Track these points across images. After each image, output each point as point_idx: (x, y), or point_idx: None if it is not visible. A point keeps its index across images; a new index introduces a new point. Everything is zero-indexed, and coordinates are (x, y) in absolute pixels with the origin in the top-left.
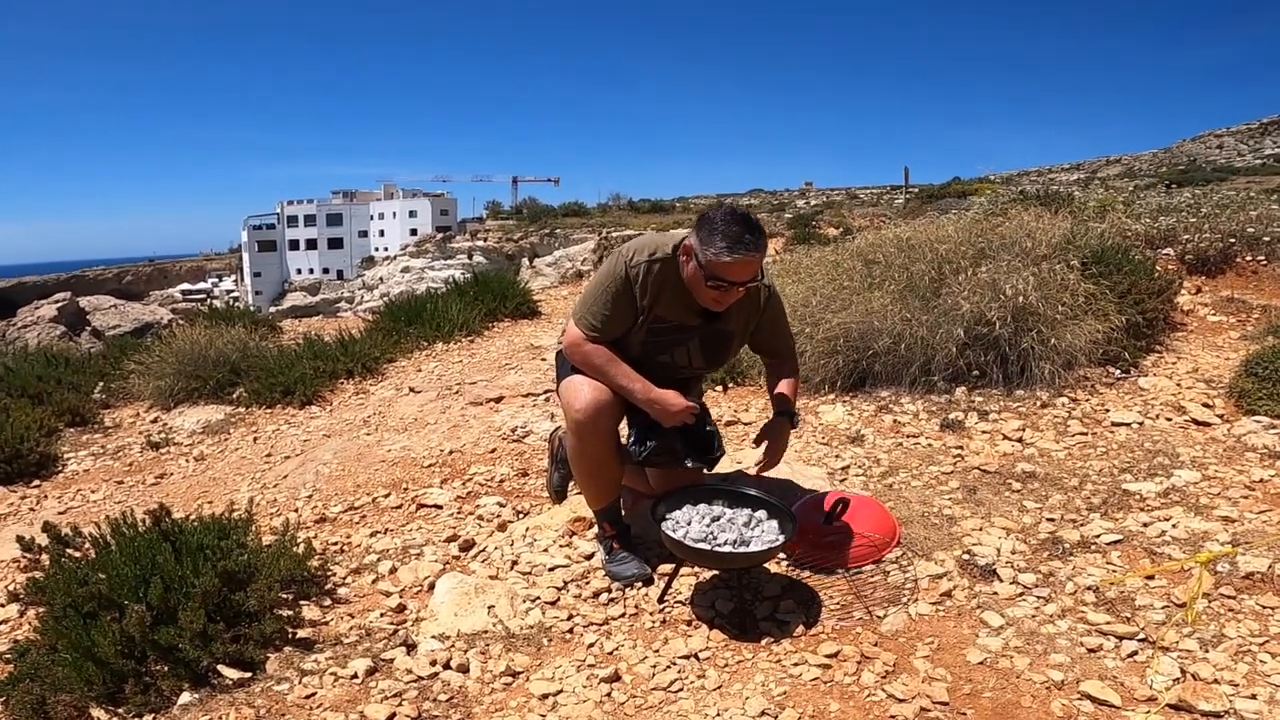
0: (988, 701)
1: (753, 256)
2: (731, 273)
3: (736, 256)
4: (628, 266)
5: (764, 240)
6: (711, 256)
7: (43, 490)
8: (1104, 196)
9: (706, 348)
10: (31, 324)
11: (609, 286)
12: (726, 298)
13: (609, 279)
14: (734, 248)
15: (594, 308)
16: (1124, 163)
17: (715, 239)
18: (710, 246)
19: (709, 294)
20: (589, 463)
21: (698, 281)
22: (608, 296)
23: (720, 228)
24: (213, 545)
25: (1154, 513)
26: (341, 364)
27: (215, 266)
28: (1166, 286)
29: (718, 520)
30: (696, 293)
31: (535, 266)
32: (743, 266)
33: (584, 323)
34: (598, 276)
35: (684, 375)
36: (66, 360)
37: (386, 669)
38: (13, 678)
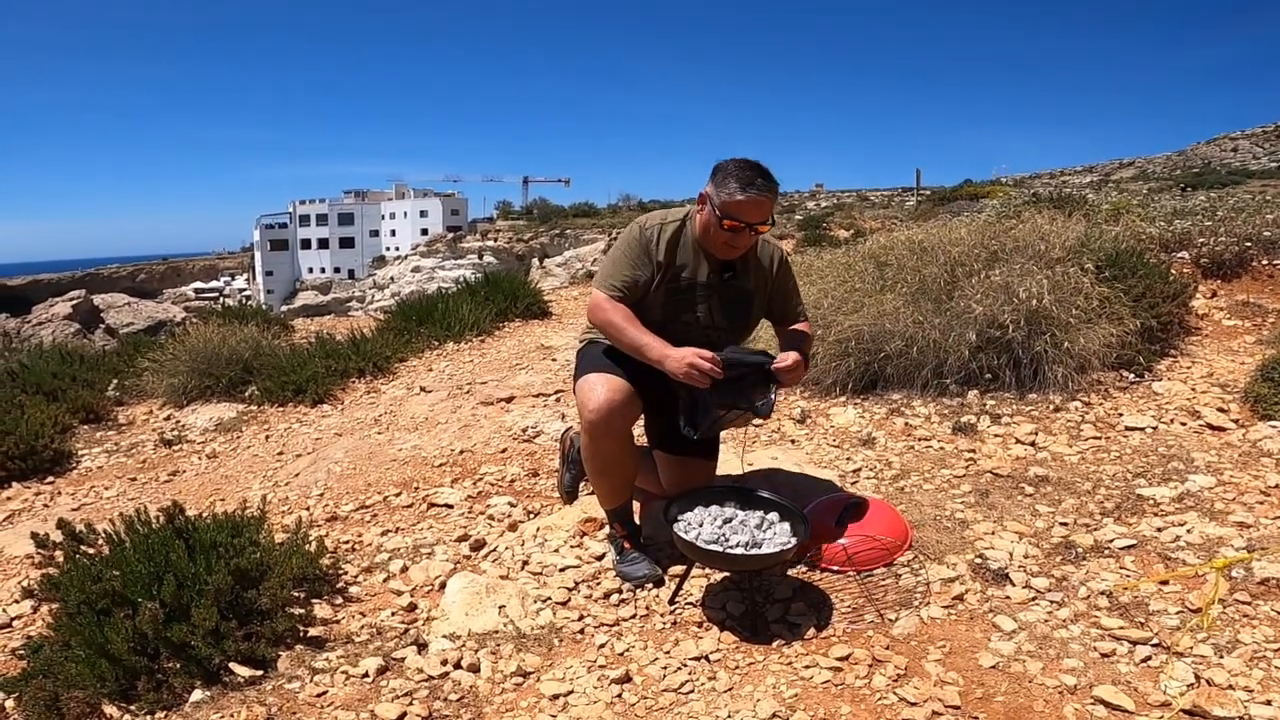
0: (1000, 706)
1: (765, 197)
2: (744, 211)
3: (749, 194)
4: (642, 229)
5: (775, 186)
6: (725, 196)
7: (56, 487)
8: (1118, 199)
9: (726, 304)
10: (46, 321)
11: (626, 250)
12: (739, 240)
13: (625, 243)
14: (746, 187)
15: (614, 270)
16: (1137, 165)
17: (729, 181)
18: (724, 188)
19: (722, 237)
20: (602, 462)
21: (711, 226)
22: (626, 259)
23: (734, 172)
24: (225, 543)
25: (1168, 518)
26: (353, 363)
27: (228, 265)
28: (1181, 290)
29: (730, 522)
30: (710, 241)
31: (545, 267)
32: (755, 206)
33: (606, 285)
34: (615, 247)
35: (709, 339)
36: (81, 358)
37: (397, 668)
38: (26, 674)
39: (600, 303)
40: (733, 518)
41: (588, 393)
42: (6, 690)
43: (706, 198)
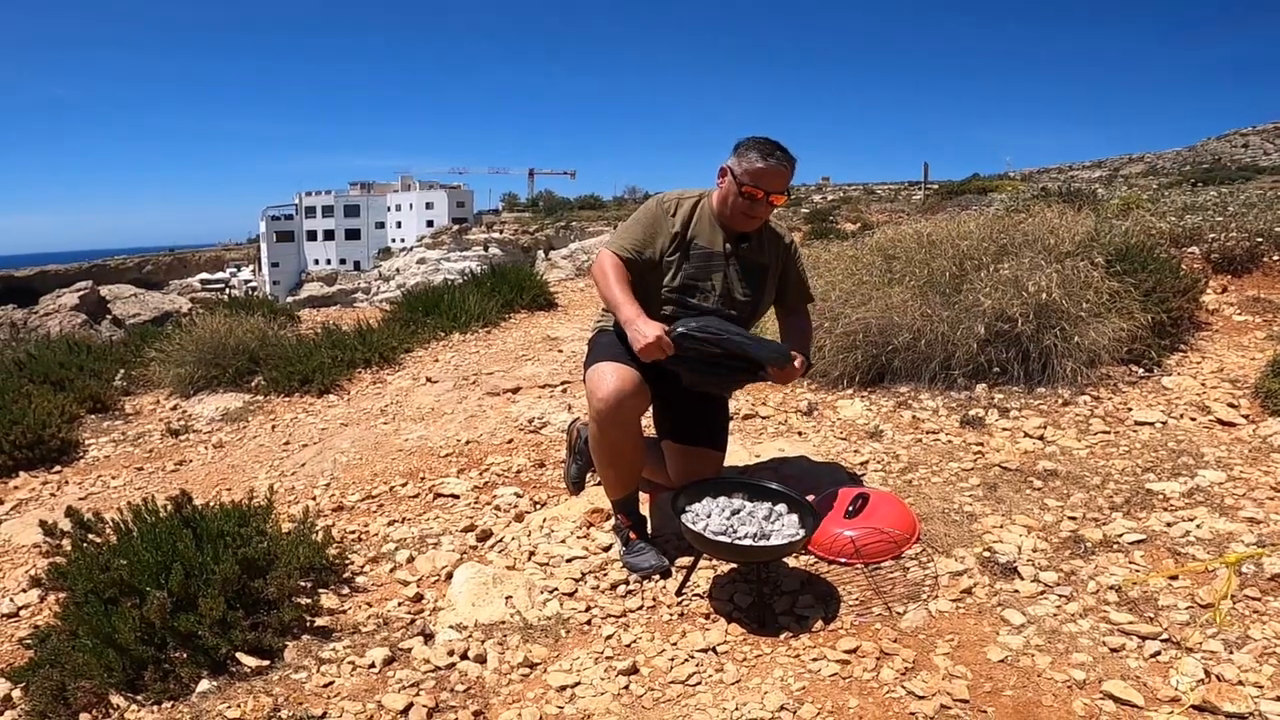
0: (1009, 700)
1: (783, 168)
2: (763, 178)
3: (769, 164)
4: (660, 201)
5: (793, 160)
6: (746, 165)
7: (64, 476)
8: (1128, 194)
9: (745, 275)
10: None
11: (640, 216)
12: (756, 210)
13: (641, 212)
14: (767, 157)
15: (624, 233)
16: (1147, 161)
17: (750, 151)
18: (745, 158)
19: (740, 205)
20: (610, 452)
21: (730, 195)
22: (638, 224)
23: (754, 144)
24: (232, 532)
25: (1178, 513)
26: (359, 354)
27: (234, 256)
28: (1192, 285)
29: (738, 513)
30: (727, 212)
31: (551, 259)
32: (774, 175)
33: (614, 244)
34: (634, 215)
35: (730, 312)
36: (88, 348)
37: (404, 658)
38: (34, 663)
39: (602, 257)
40: (741, 509)
41: (598, 381)
42: (13, 680)
43: (727, 170)
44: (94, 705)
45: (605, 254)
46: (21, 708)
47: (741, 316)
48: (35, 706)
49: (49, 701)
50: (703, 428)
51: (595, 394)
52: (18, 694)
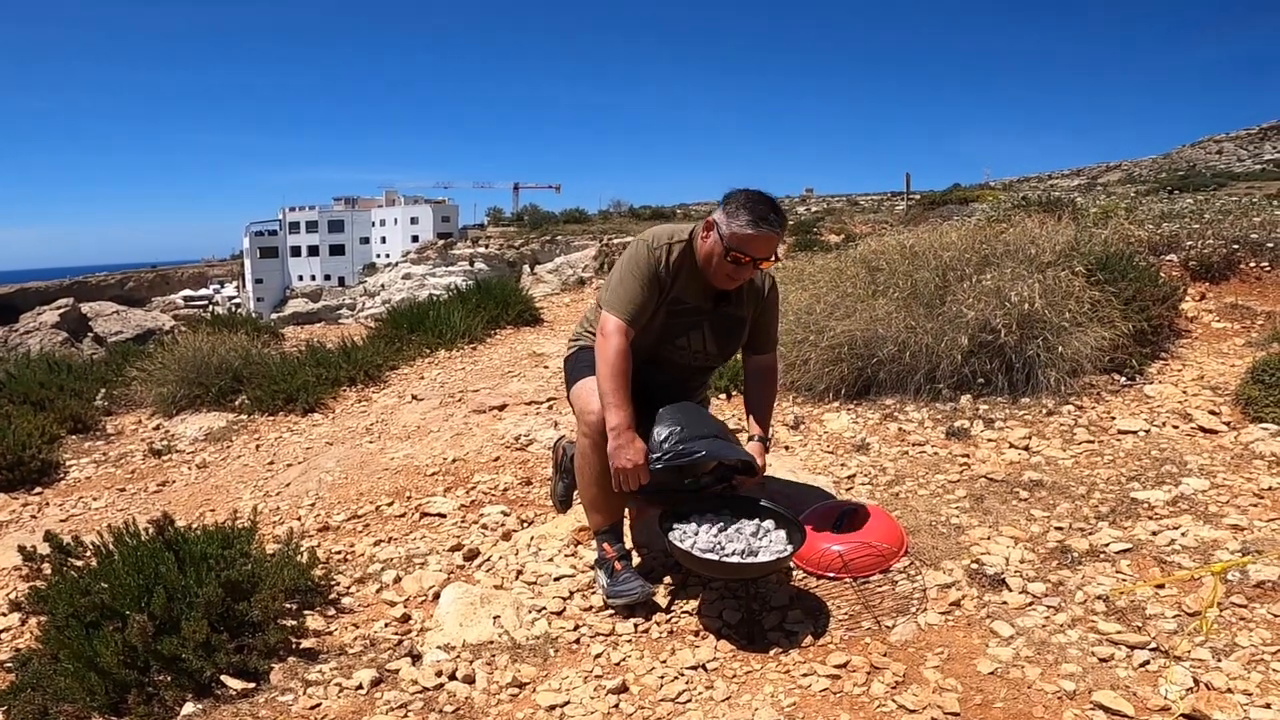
0: (999, 712)
1: (774, 234)
2: (752, 246)
3: (761, 230)
4: (651, 250)
5: (785, 223)
6: (736, 229)
7: (44, 497)
8: (1106, 202)
9: (718, 332)
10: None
11: (638, 271)
12: (740, 274)
13: (634, 263)
14: (758, 223)
15: (625, 293)
16: (1124, 168)
17: (741, 213)
18: (735, 219)
19: (725, 268)
20: (600, 470)
21: (715, 256)
22: (636, 280)
23: (746, 204)
24: (216, 554)
25: (1163, 521)
26: (344, 371)
27: (217, 273)
28: (1171, 293)
29: (725, 530)
30: (711, 270)
31: (537, 273)
32: (764, 242)
33: (618, 310)
34: (624, 264)
35: (695, 364)
36: (69, 367)
37: (392, 680)
38: (15, 687)
39: (610, 330)
40: (728, 526)
41: (586, 398)
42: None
43: (714, 225)
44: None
45: (614, 326)
46: None
47: (709, 365)
48: None
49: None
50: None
51: (585, 410)
52: (0, 717)
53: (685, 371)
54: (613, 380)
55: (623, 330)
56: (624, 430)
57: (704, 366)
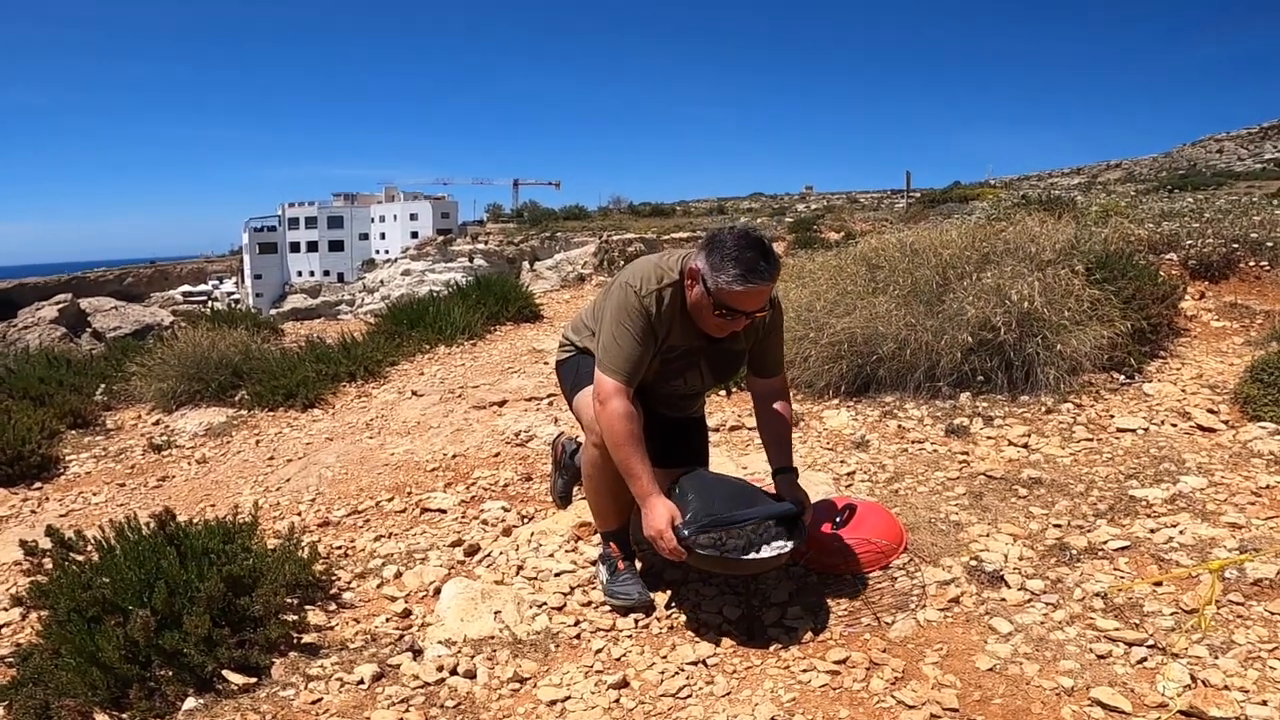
0: (998, 708)
1: (766, 285)
2: (742, 302)
3: (750, 286)
4: (641, 299)
5: (778, 267)
6: (723, 285)
7: (44, 492)
8: (1106, 201)
9: (714, 367)
10: (32, 325)
11: (628, 323)
12: (731, 326)
13: (625, 315)
14: (747, 276)
15: (622, 352)
16: (1124, 167)
17: (727, 266)
18: (722, 274)
19: (714, 321)
20: (609, 477)
21: (703, 308)
22: (631, 335)
23: (733, 254)
24: (217, 549)
25: (1161, 519)
26: (344, 367)
27: (216, 268)
28: (1171, 292)
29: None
30: (700, 319)
31: (536, 270)
32: (754, 296)
33: (615, 372)
34: (614, 316)
35: (691, 392)
36: (68, 362)
37: (393, 674)
38: (16, 682)
39: (609, 396)
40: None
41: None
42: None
43: (698, 275)
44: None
45: (611, 388)
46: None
47: (705, 390)
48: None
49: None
50: (683, 449)
51: (595, 422)
52: (1, 713)
53: (683, 396)
54: (628, 450)
55: (623, 392)
56: (647, 493)
57: (700, 392)
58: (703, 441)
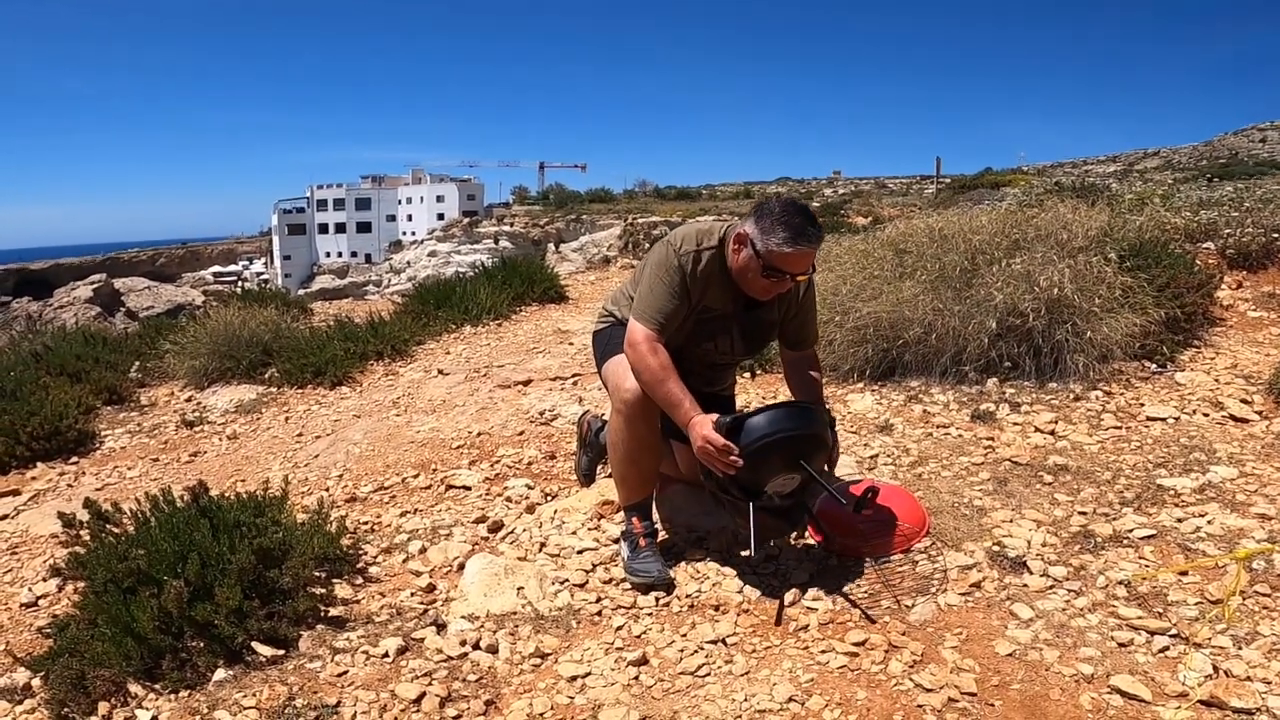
0: (1016, 693)
1: (813, 248)
2: (790, 264)
3: (799, 248)
4: (679, 256)
5: (823, 232)
6: (773, 247)
7: (81, 467)
8: (1142, 189)
9: (747, 335)
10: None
11: (664, 278)
12: (777, 288)
13: (663, 270)
14: (796, 239)
15: (654, 301)
16: (1163, 155)
17: (777, 229)
18: (771, 236)
19: (761, 283)
20: (633, 446)
21: (749, 270)
22: (665, 288)
23: (783, 218)
24: (248, 522)
25: (1189, 508)
26: (371, 346)
27: (246, 249)
28: (1206, 281)
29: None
30: (745, 282)
31: (561, 252)
32: (802, 258)
33: (647, 319)
34: (652, 271)
35: (721, 362)
36: (103, 340)
37: (417, 648)
38: (53, 652)
39: (639, 340)
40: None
41: (622, 374)
42: (33, 669)
43: (746, 239)
44: (112, 694)
45: (642, 335)
46: (41, 696)
47: (736, 362)
48: (55, 695)
49: (68, 690)
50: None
51: (621, 387)
52: (37, 683)
53: (712, 366)
54: (668, 385)
55: (652, 339)
56: (690, 414)
57: (731, 363)
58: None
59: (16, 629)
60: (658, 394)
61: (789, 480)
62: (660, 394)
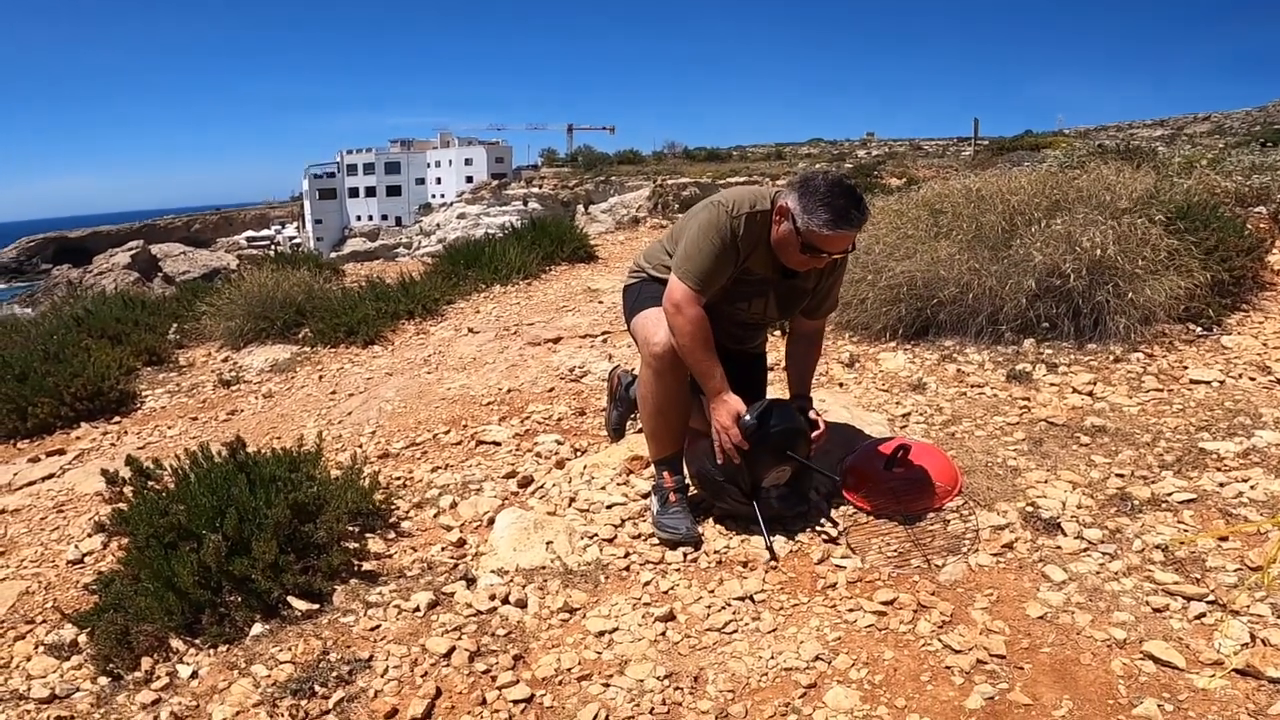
0: (1046, 657)
1: (854, 231)
2: (829, 244)
3: (840, 231)
4: (730, 218)
5: (867, 214)
6: (815, 227)
7: (123, 426)
8: (1191, 153)
9: (782, 301)
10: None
11: (714, 240)
12: (814, 263)
13: (714, 231)
14: (838, 222)
15: (699, 261)
16: (1213, 120)
17: (820, 210)
18: (813, 216)
19: (798, 258)
20: (662, 399)
21: (789, 244)
22: (713, 250)
23: (827, 199)
24: (284, 477)
25: (1231, 473)
26: (403, 305)
27: (278, 214)
28: (1257, 245)
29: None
30: (784, 254)
31: (591, 213)
32: (842, 240)
33: (690, 278)
34: (700, 231)
35: (752, 322)
36: (142, 303)
37: (447, 602)
38: (98, 608)
39: (680, 299)
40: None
41: (653, 328)
42: (80, 625)
43: (788, 213)
44: (155, 649)
45: (682, 294)
46: (87, 652)
47: (767, 323)
48: (100, 650)
49: (113, 645)
50: (744, 382)
51: (650, 339)
52: (84, 639)
53: (742, 325)
54: (700, 351)
55: (695, 300)
56: (719, 389)
57: (762, 323)
58: (762, 373)
59: (64, 586)
60: (690, 358)
61: (781, 472)
62: (693, 359)
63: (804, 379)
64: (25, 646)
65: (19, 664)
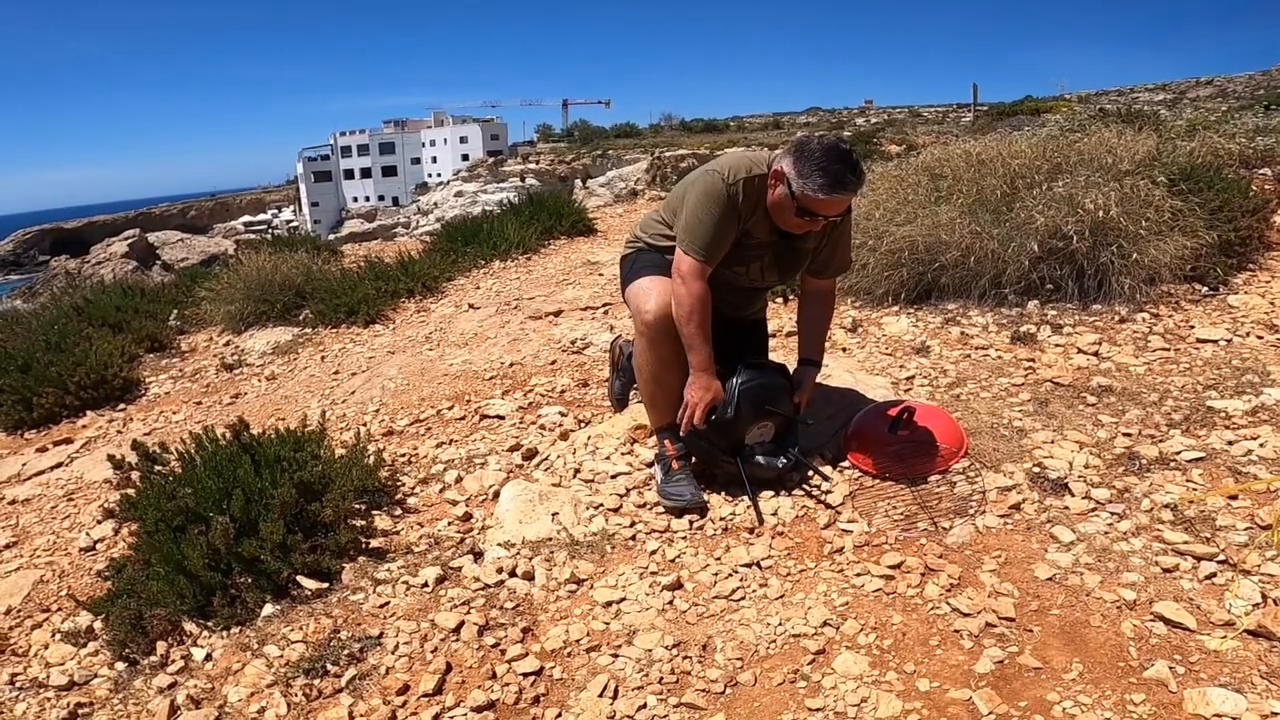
0: (1055, 619)
1: (849, 195)
2: (824, 208)
3: (835, 195)
4: (727, 185)
5: (863, 179)
6: (809, 192)
7: (128, 413)
8: (1194, 116)
9: (781, 263)
10: (105, 260)
11: (715, 209)
12: (810, 226)
13: (713, 201)
14: (833, 187)
15: (701, 232)
16: (1216, 84)
17: (815, 175)
18: (808, 180)
19: (794, 221)
20: (658, 366)
21: (785, 208)
22: (714, 219)
23: (821, 163)
24: (289, 457)
25: (1240, 431)
26: (402, 284)
27: (275, 198)
28: (1262, 205)
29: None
30: (780, 217)
31: (589, 187)
32: (837, 204)
33: (695, 249)
34: (699, 201)
35: (751, 287)
36: (142, 291)
37: (455, 577)
38: (112, 595)
39: (686, 271)
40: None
41: (645, 295)
42: (95, 612)
43: (782, 177)
44: (169, 633)
45: (690, 266)
46: (103, 638)
47: (767, 287)
48: (115, 636)
49: (128, 631)
50: (744, 348)
51: (642, 308)
52: (99, 625)
53: (739, 291)
54: (694, 325)
55: (700, 273)
56: (701, 365)
57: (762, 288)
58: (763, 339)
59: (77, 573)
60: (685, 332)
61: (764, 428)
62: (685, 330)
63: (813, 340)
64: (42, 635)
65: (37, 652)
